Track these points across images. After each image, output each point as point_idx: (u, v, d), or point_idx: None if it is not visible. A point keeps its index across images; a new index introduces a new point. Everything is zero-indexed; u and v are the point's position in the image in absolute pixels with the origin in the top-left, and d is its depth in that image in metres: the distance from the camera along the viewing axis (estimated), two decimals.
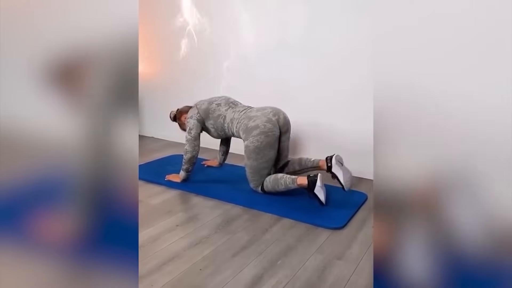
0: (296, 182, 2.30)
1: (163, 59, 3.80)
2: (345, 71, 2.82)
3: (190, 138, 2.54)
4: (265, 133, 2.34)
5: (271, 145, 2.36)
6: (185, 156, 2.54)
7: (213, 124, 2.56)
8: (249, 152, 2.37)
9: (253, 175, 2.43)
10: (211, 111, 2.56)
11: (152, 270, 1.64)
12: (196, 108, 2.60)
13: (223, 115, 2.53)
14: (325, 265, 1.70)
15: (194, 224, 2.07)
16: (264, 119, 2.37)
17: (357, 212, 2.26)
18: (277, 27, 3.06)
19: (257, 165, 2.38)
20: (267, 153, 2.36)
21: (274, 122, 2.39)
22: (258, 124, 2.35)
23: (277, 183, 2.36)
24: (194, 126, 2.55)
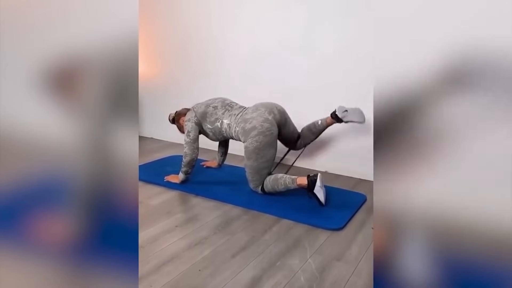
0: (296, 182, 2.30)
1: (163, 59, 3.80)
2: (345, 71, 2.83)
3: (189, 141, 2.54)
4: (263, 133, 2.34)
5: (270, 144, 2.37)
6: (184, 159, 2.55)
7: (210, 128, 2.57)
8: (249, 153, 2.37)
9: (253, 176, 2.43)
10: (208, 115, 2.56)
11: (151, 270, 1.64)
12: (193, 111, 2.61)
13: (220, 119, 2.53)
14: (324, 266, 1.70)
15: (194, 225, 2.07)
16: (260, 119, 2.38)
17: (356, 213, 2.26)
18: (277, 28, 3.07)
19: (257, 165, 2.38)
20: (266, 153, 2.37)
21: (271, 120, 2.40)
22: (255, 125, 2.36)
23: (277, 183, 2.36)
24: (192, 129, 2.56)
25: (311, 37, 2.92)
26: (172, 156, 3.35)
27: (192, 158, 2.54)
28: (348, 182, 2.80)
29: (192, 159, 2.54)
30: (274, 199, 2.38)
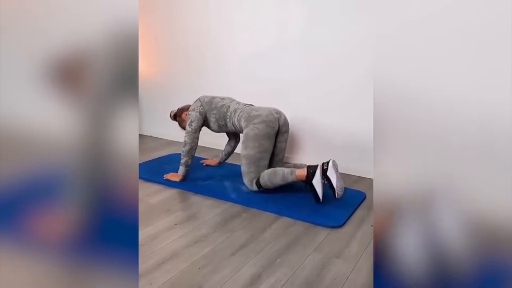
0: (294, 173, 2.29)
1: (162, 58, 3.79)
2: (343, 70, 2.82)
3: (190, 130, 2.56)
4: (266, 122, 2.38)
5: (269, 136, 2.39)
6: (183, 148, 2.56)
7: (215, 113, 2.59)
8: (247, 140, 2.38)
9: (249, 166, 2.39)
10: (214, 102, 2.62)
11: (151, 268, 1.64)
12: (199, 100, 2.65)
13: (227, 105, 2.60)
14: (324, 264, 1.70)
15: (193, 223, 2.07)
16: (267, 111, 2.44)
17: (355, 211, 2.26)
18: (275, 26, 3.06)
19: (254, 154, 2.37)
20: (264, 143, 2.37)
21: (276, 118, 2.45)
22: (261, 113, 2.42)
23: (275, 174, 2.34)
24: (195, 119, 2.58)
25: (310, 36, 2.92)
26: (171, 154, 3.35)
27: (192, 147, 2.55)
28: (347, 179, 2.80)
29: (191, 148, 2.55)
30: (274, 197, 2.38)
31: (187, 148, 2.55)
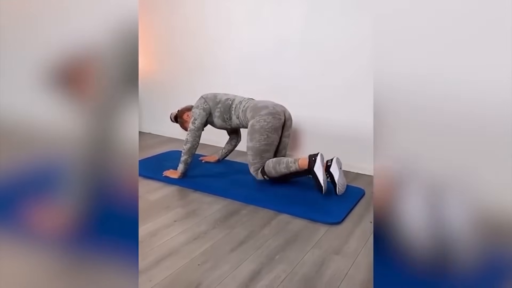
0: (297, 162, 2.34)
1: (162, 56, 3.78)
2: (343, 68, 2.82)
3: (193, 128, 2.56)
4: (273, 114, 2.41)
5: (275, 128, 2.42)
6: (184, 146, 2.56)
7: (220, 107, 2.59)
8: (253, 131, 2.41)
9: (254, 157, 2.45)
10: (218, 98, 2.64)
11: (150, 265, 1.64)
12: (203, 98, 2.65)
13: (232, 98, 2.63)
14: (323, 260, 1.71)
15: (192, 220, 2.08)
16: (273, 104, 2.49)
17: (354, 207, 2.27)
18: (275, 24, 3.06)
19: (259, 146, 2.41)
20: (270, 135, 2.41)
21: (282, 110, 2.50)
22: (268, 105, 2.45)
23: (279, 162, 2.40)
24: (199, 116, 2.58)
25: (310, 33, 2.91)
26: (170, 151, 3.35)
27: (193, 145, 2.56)
28: (346, 176, 2.81)
29: (192, 146, 2.55)
30: (273, 194, 2.38)
31: (188, 146, 2.55)
